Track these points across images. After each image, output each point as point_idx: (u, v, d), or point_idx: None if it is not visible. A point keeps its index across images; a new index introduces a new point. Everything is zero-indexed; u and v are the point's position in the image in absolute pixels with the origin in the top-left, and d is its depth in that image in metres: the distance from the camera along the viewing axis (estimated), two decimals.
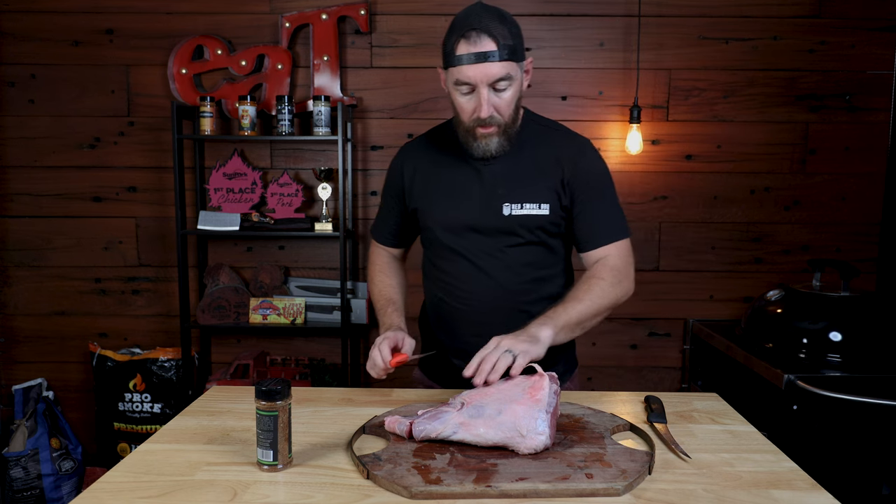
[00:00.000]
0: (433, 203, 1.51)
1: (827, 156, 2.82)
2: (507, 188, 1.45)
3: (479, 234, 1.47)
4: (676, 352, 2.92)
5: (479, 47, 1.30)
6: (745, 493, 1.00)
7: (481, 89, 1.33)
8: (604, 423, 1.23)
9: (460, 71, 1.33)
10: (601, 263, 1.44)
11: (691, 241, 2.86)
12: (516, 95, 1.38)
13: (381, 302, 1.58)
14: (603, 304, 1.39)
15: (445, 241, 1.51)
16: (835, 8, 2.75)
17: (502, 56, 1.31)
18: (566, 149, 1.47)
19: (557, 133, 1.51)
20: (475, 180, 1.47)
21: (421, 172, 1.54)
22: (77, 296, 2.90)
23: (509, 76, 1.33)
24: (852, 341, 2.16)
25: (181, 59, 2.73)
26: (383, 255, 1.69)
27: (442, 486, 0.98)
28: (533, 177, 1.45)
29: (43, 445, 2.74)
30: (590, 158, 1.48)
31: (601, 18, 2.77)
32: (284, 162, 2.85)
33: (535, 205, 1.44)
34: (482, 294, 1.49)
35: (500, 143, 1.41)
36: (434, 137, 1.58)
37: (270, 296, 2.77)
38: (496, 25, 1.31)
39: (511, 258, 1.47)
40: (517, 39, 1.35)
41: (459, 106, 1.39)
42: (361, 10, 2.71)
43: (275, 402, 1.05)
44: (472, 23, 1.31)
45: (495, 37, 1.30)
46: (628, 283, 1.45)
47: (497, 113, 1.37)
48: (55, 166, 2.84)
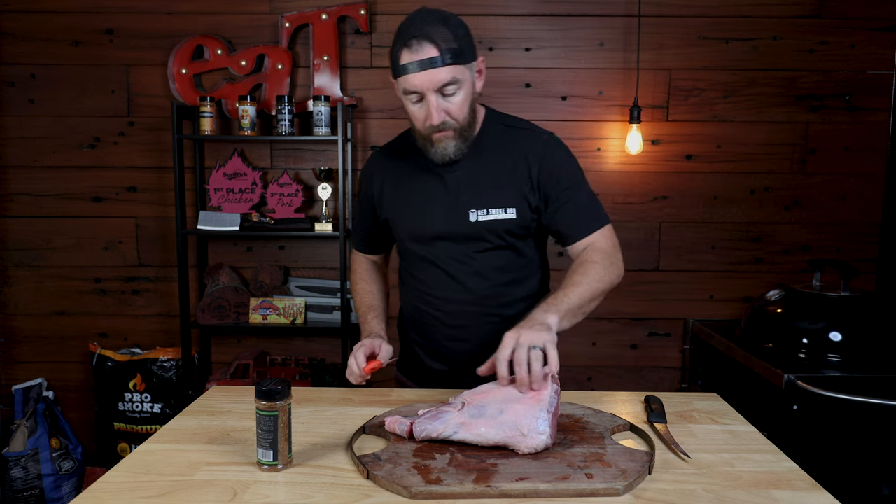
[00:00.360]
0: (401, 213, 1.51)
1: (827, 156, 2.82)
2: (471, 194, 1.43)
3: (448, 242, 1.47)
4: (676, 352, 2.92)
5: (422, 54, 1.28)
6: (745, 493, 1.00)
7: (429, 96, 1.32)
8: (604, 423, 1.23)
9: (406, 80, 1.31)
10: (591, 248, 1.42)
11: (691, 241, 2.86)
12: (468, 98, 1.36)
13: (361, 309, 1.58)
14: (600, 286, 1.36)
15: (415, 250, 1.51)
16: (835, 8, 2.75)
17: (445, 61, 1.29)
18: (531, 147, 1.45)
19: (520, 132, 1.48)
20: (440, 188, 1.46)
21: (388, 182, 1.53)
22: (77, 296, 2.90)
23: (456, 80, 1.32)
24: (852, 341, 2.16)
25: (181, 59, 2.73)
26: (363, 262, 1.69)
27: (442, 486, 0.98)
28: (498, 181, 1.44)
29: (43, 445, 2.74)
30: (556, 154, 1.46)
31: (601, 18, 2.77)
32: (284, 162, 2.85)
33: (500, 209, 1.43)
34: (454, 300, 1.49)
35: (458, 146, 1.39)
36: (399, 146, 1.56)
37: (270, 296, 2.77)
38: (437, 30, 1.29)
39: (481, 264, 1.47)
40: (463, 41, 1.32)
41: (412, 114, 1.38)
42: (361, 10, 2.71)
43: (275, 402, 1.05)
44: (413, 30, 1.29)
45: (436, 42, 1.28)
46: (619, 265, 1.43)
47: (449, 117, 1.35)
48: (55, 166, 2.84)
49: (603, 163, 2.81)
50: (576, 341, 2.86)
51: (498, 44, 2.79)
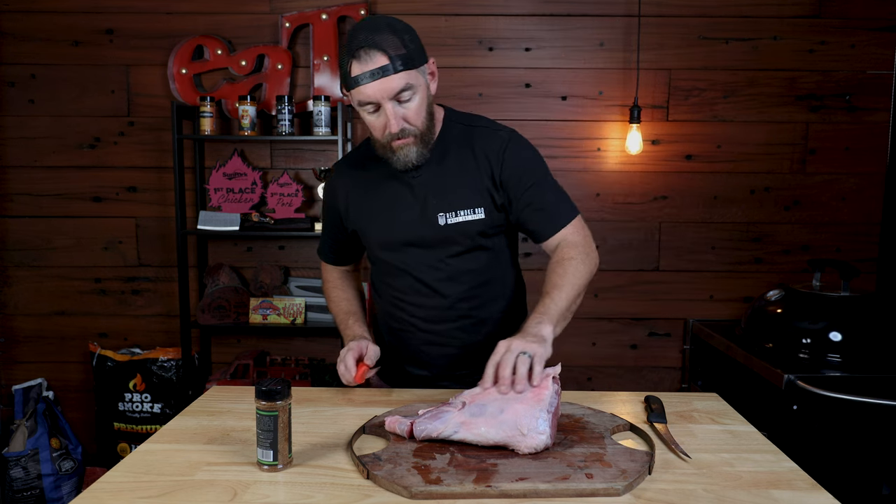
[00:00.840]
0: (369, 223, 1.49)
1: (827, 156, 2.82)
2: (438, 198, 1.42)
3: (419, 248, 1.46)
4: (676, 352, 2.92)
5: (372, 64, 1.26)
6: (745, 493, 1.00)
7: (385, 105, 1.30)
8: (604, 423, 1.23)
9: (360, 91, 1.29)
10: (564, 244, 1.41)
11: (691, 241, 2.86)
12: (424, 101, 1.35)
13: (340, 316, 1.57)
14: (580, 282, 1.36)
15: (386, 258, 1.50)
16: (835, 8, 2.75)
17: (397, 68, 1.27)
18: (491, 146, 1.43)
19: (479, 130, 1.47)
20: (406, 194, 1.45)
21: (354, 193, 1.51)
22: (77, 296, 2.90)
23: (410, 86, 1.30)
24: (852, 341, 2.16)
25: (181, 59, 2.73)
26: (334, 272, 1.67)
27: (442, 486, 0.98)
28: (463, 182, 1.43)
29: (43, 445, 2.74)
30: (516, 151, 1.44)
31: (601, 18, 2.77)
32: (284, 162, 2.85)
33: (468, 210, 1.42)
34: (428, 306, 1.49)
35: (419, 151, 1.38)
36: (360, 156, 1.54)
37: (270, 296, 2.77)
38: (385, 37, 1.28)
39: (453, 268, 1.46)
40: (412, 45, 1.31)
41: (370, 124, 1.36)
42: (361, 10, 2.71)
43: (275, 402, 1.05)
44: (360, 41, 1.27)
45: (385, 50, 1.27)
46: (594, 256, 1.43)
47: (408, 124, 1.34)
48: (55, 166, 2.84)
49: (603, 163, 2.81)
50: (576, 341, 2.86)
51: (498, 44, 2.79)
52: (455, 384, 1.44)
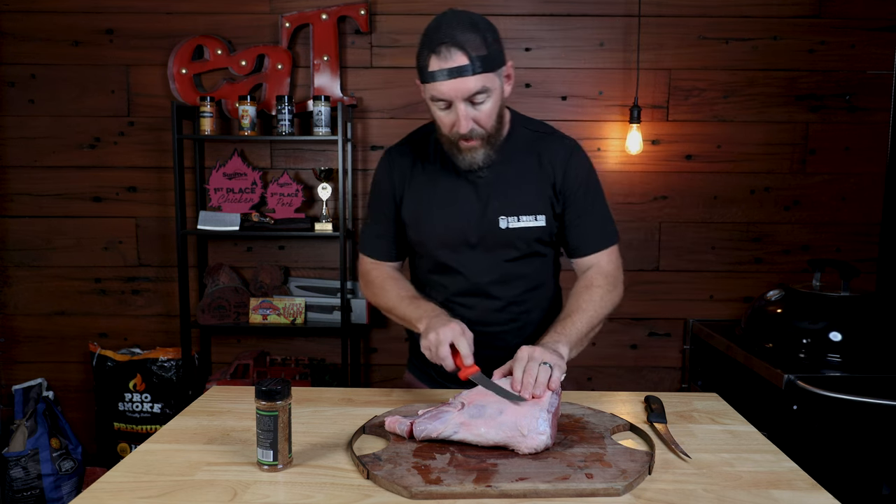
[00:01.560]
0: (426, 217, 1.44)
1: (827, 156, 2.82)
2: (501, 200, 1.41)
3: (476, 250, 1.43)
4: (676, 352, 2.92)
5: (451, 62, 1.23)
6: (745, 493, 1.00)
7: (458, 104, 1.27)
8: (604, 423, 1.23)
9: (434, 87, 1.27)
10: (596, 270, 1.43)
11: (691, 241, 2.86)
12: (497, 105, 1.33)
13: (405, 301, 1.41)
14: (603, 312, 1.39)
15: (439, 257, 1.46)
16: (835, 8, 2.75)
17: (475, 69, 1.24)
18: (556, 153, 1.44)
19: (546, 136, 1.47)
20: (469, 193, 1.42)
21: (411, 182, 1.46)
22: (77, 296, 2.90)
23: (486, 88, 1.27)
24: (852, 341, 2.16)
25: (181, 59, 2.73)
26: (381, 268, 1.52)
27: (442, 486, 0.98)
28: (526, 187, 1.42)
29: (43, 445, 2.74)
30: (579, 163, 1.45)
31: (601, 18, 2.77)
32: (284, 162, 2.85)
33: (531, 217, 1.41)
34: (480, 308, 1.46)
35: (486, 153, 1.36)
36: (421, 143, 1.49)
37: (270, 296, 2.77)
38: (467, 36, 1.24)
39: (508, 272, 1.45)
40: (493, 46, 1.28)
41: (439, 119, 1.34)
42: (361, 10, 2.71)
43: (275, 402, 1.05)
44: (442, 36, 1.24)
45: (466, 50, 1.23)
46: (621, 289, 1.45)
47: (478, 126, 1.31)
48: (55, 166, 2.84)
49: (603, 163, 2.81)
50: None
51: None
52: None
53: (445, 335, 1.23)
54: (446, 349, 1.22)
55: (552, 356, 1.20)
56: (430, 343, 1.24)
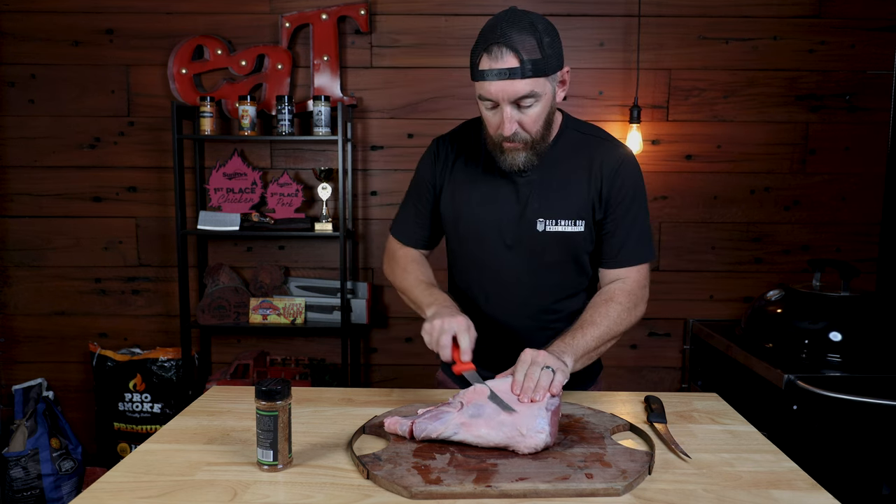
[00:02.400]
0: (465, 212, 1.43)
1: (827, 156, 2.82)
2: (541, 202, 1.38)
3: (512, 251, 1.41)
4: (676, 352, 2.92)
5: (501, 63, 1.21)
6: (745, 493, 1.00)
7: (504, 107, 1.25)
8: (604, 423, 1.23)
9: (482, 86, 1.25)
10: (619, 285, 1.38)
11: (691, 241, 2.86)
12: (545, 111, 1.29)
13: (420, 287, 1.42)
14: (618, 329, 1.34)
15: (474, 253, 1.45)
16: (835, 8, 2.75)
17: (525, 73, 1.21)
18: (606, 160, 1.39)
19: (598, 142, 1.42)
20: (509, 192, 1.40)
21: (452, 174, 1.45)
22: (77, 296, 2.90)
23: (534, 93, 1.24)
24: (852, 341, 2.16)
25: (181, 59, 2.73)
26: (410, 251, 1.54)
27: (442, 486, 0.98)
28: (569, 191, 1.38)
29: (43, 445, 2.74)
30: (629, 173, 1.40)
31: (601, 18, 2.77)
32: (284, 162, 2.85)
33: (569, 221, 1.37)
34: (508, 312, 1.44)
35: (528, 157, 1.33)
36: (467, 137, 1.47)
37: (270, 296, 2.77)
38: (522, 38, 1.21)
39: (542, 278, 1.42)
40: (550, 50, 1.24)
41: (486, 119, 1.32)
42: (361, 10, 2.71)
43: (275, 402, 1.05)
44: (496, 36, 1.21)
45: (518, 52, 1.20)
46: (642, 308, 1.40)
47: (522, 130, 1.29)
48: (55, 166, 2.84)
49: None
50: None
51: None
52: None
53: (450, 325, 1.24)
54: (448, 339, 1.24)
55: (555, 361, 1.19)
56: (434, 329, 1.25)
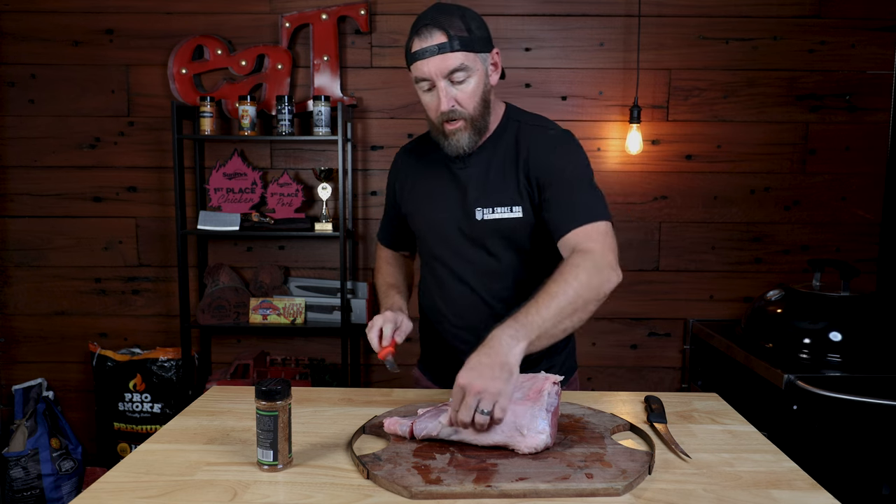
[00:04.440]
0: (416, 209, 1.51)
1: (827, 156, 2.82)
2: (479, 191, 1.41)
3: (459, 241, 1.44)
4: (676, 352, 2.92)
5: (431, 41, 1.30)
6: (745, 493, 1.00)
7: (438, 82, 1.32)
8: (604, 423, 1.23)
9: (417, 67, 1.33)
10: (576, 251, 1.27)
11: (691, 241, 2.86)
12: (479, 87, 1.34)
13: (382, 288, 1.59)
14: (583, 296, 1.19)
15: (432, 248, 1.50)
16: (835, 8, 2.75)
17: (454, 47, 1.29)
18: (534, 143, 1.39)
19: (531, 128, 1.43)
20: (451, 185, 1.45)
21: (409, 177, 1.54)
22: (77, 296, 2.90)
23: (465, 66, 1.31)
24: (852, 341, 2.16)
25: (181, 59, 2.73)
26: (388, 252, 1.71)
27: (442, 486, 0.98)
28: (504, 178, 1.40)
29: (43, 445, 2.74)
30: (559, 149, 1.38)
31: (601, 18, 2.77)
32: (284, 162, 2.85)
33: (506, 208, 1.39)
34: (464, 303, 1.46)
35: (471, 137, 1.37)
36: (422, 143, 1.56)
37: (270, 296, 2.77)
38: (449, 19, 1.31)
39: (491, 266, 1.43)
40: (477, 32, 1.33)
41: (425, 104, 1.38)
42: (361, 10, 2.71)
43: (275, 402, 1.05)
44: (425, 20, 1.31)
45: (446, 29, 1.29)
46: (609, 271, 1.26)
47: (459, 105, 1.33)
48: (55, 166, 2.84)
49: (603, 163, 2.81)
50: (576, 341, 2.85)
51: (498, 44, 2.75)
52: None
53: (376, 321, 1.37)
54: (374, 333, 1.36)
55: (491, 385, 1.06)
56: (368, 328, 1.38)
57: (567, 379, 1.59)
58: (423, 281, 1.59)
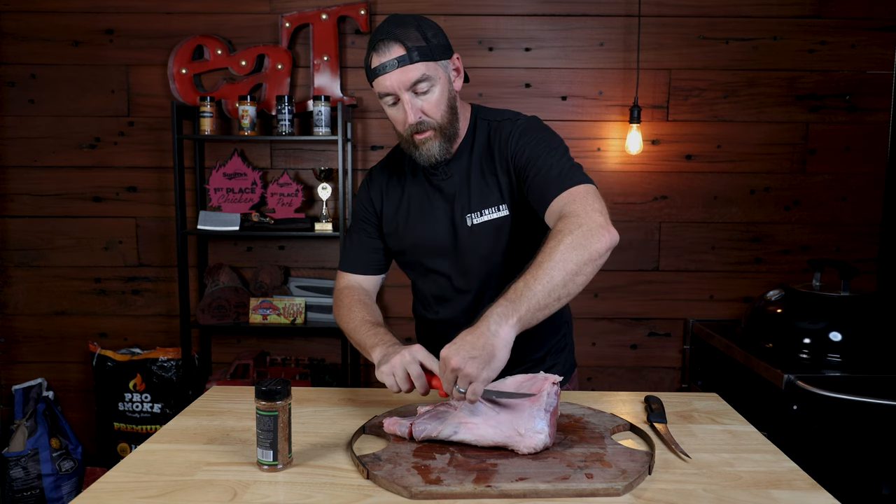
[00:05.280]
0: (403, 228, 1.47)
1: (827, 156, 2.82)
2: (465, 198, 1.40)
3: (455, 252, 1.42)
4: (676, 352, 2.92)
5: (389, 55, 1.28)
6: (745, 493, 1.00)
7: (403, 95, 1.30)
8: (604, 423, 1.23)
9: (378, 83, 1.30)
10: (562, 217, 1.20)
11: (691, 241, 2.86)
12: (444, 95, 1.33)
13: (364, 326, 1.36)
14: (573, 259, 1.12)
15: (418, 262, 1.48)
16: (835, 8, 2.75)
17: (413, 58, 1.27)
18: (503, 134, 1.38)
19: (500, 123, 1.41)
20: (436, 196, 1.43)
21: (388, 196, 1.50)
22: (77, 296, 2.90)
23: (427, 77, 1.29)
24: (852, 341, 2.16)
25: (181, 59, 2.73)
26: (355, 292, 1.49)
27: (442, 486, 0.98)
28: (485, 180, 1.39)
29: (43, 445, 2.74)
30: (528, 133, 1.35)
31: (601, 18, 2.77)
32: (284, 162, 2.85)
33: (493, 208, 1.38)
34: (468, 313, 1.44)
35: (441, 145, 1.35)
36: (397, 159, 1.52)
37: (270, 296, 2.77)
38: (404, 31, 1.28)
39: (490, 272, 1.42)
40: (434, 40, 1.31)
41: (392, 118, 1.36)
42: (361, 10, 2.71)
43: (275, 402, 1.05)
44: (380, 34, 1.29)
45: (403, 42, 1.27)
46: (598, 228, 1.16)
47: (426, 116, 1.32)
48: (55, 166, 2.84)
49: (603, 163, 2.81)
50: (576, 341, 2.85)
51: (498, 44, 2.79)
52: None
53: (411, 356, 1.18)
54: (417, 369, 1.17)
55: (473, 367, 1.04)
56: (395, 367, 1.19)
57: (566, 379, 1.59)
58: (419, 293, 1.55)
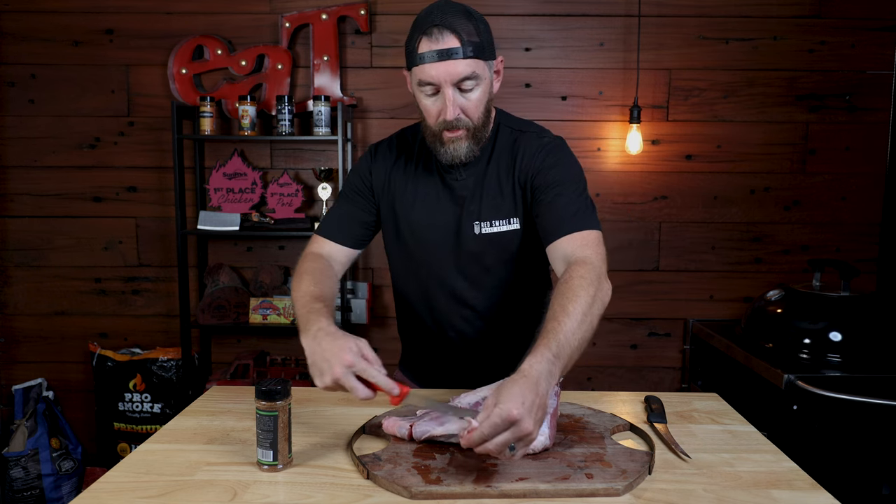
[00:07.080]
0: (405, 218, 1.41)
1: (827, 156, 2.82)
2: (476, 205, 1.35)
3: (449, 252, 1.39)
4: (676, 352, 2.92)
5: (442, 44, 1.20)
6: (745, 493, 1.00)
7: (446, 89, 1.23)
8: (604, 423, 1.23)
9: (423, 70, 1.23)
10: (576, 261, 1.20)
11: (691, 241, 2.86)
12: (485, 96, 1.28)
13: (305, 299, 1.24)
14: (593, 310, 1.14)
15: (407, 251, 1.43)
16: (835, 8, 2.75)
17: (467, 53, 1.21)
18: (527, 151, 1.35)
19: (527, 135, 1.38)
20: (446, 197, 1.38)
21: (391, 179, 1.42)
22: (77, 296, 2.90)
23: (475, 75, 1.24)
24: (852, 341, 2.16)
25: (181, 59, 2.73)
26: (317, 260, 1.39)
27: (442, 486, 0.98)
28: (501, 190, 1.35)
29: (43, 445, 2.74)
30: (552, 155, 1.33)
31: (601, 18, 2.77)
32: (284, 162, 2.85)
33: (504, 221, 1.34)
34: (457, 317, 1.42)
35: (469, 147, 1.30)
36: (405, 143, 1.45)
37: (270, 296, 2.77)
38: (460, 21, 1.22)
39: (486, 280, 1.39)
40: (485, 37, 1.26)
41: (425, 109, 1.29)
42: (361, 10, 2.71)
43: (275, 402, 1.05)
44: (435, 19, 1.22)
45: (459, 33, 1.21)
46: (606, 282, 1.20)
47: (464, 115, 1.26)
48: (55, 166, 2.84)
49: (603, 163, 2.81)
50: None
51: (498, 44, 2.76)
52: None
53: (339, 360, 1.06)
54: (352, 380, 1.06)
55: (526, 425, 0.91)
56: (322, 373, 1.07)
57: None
58: (402, 281, 1.49)
